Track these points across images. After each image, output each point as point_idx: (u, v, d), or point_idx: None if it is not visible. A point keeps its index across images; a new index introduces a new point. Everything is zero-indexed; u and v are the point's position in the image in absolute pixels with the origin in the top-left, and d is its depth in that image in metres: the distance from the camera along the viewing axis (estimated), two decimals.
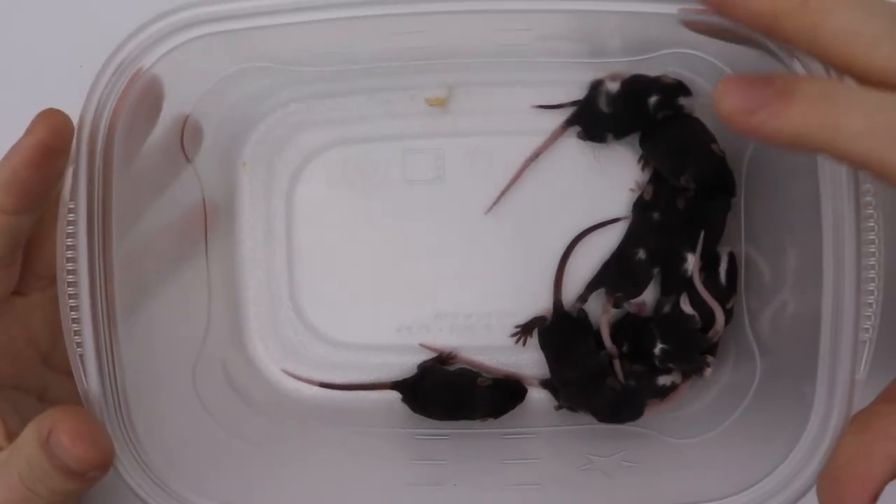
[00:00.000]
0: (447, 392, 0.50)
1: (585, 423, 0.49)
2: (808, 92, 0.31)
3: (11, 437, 0.39)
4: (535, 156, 0.51)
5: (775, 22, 0.32)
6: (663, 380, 0.49)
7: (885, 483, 0.34)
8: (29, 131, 0.37)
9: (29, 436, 0.37)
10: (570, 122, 0.50)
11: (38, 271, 0.42)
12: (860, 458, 0.35)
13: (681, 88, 0.48)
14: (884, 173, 0.31)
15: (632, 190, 0.50)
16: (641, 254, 0.49)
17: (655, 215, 0.49)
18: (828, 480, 0.36)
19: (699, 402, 0.49)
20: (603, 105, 0.49)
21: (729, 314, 0.49)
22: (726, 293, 0.49)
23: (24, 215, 0.38)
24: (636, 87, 0.48)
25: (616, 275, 0.50)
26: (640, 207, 0.50)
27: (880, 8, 0.31)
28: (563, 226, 0.51)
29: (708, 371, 0.48)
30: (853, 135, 0.30)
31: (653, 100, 0.48)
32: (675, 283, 0.49)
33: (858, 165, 0.32)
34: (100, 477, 0.38)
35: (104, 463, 0.38)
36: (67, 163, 0.38)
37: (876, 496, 0.34)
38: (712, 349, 0.49)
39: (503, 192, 0.51)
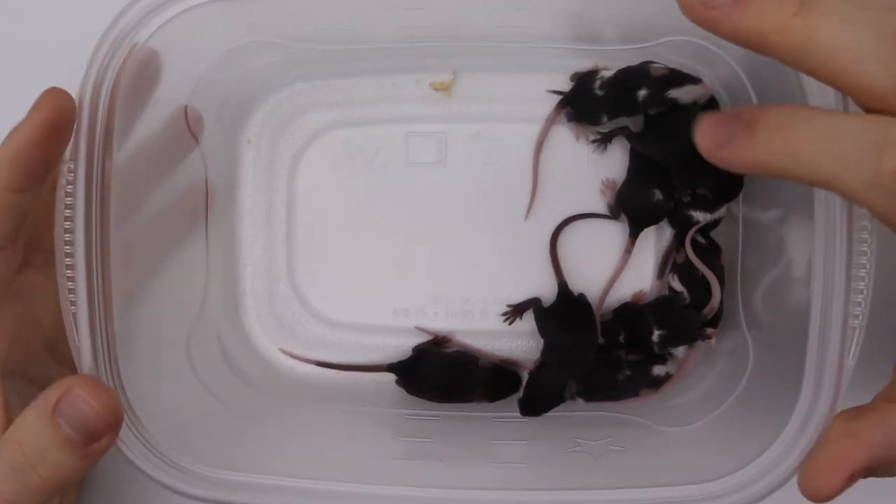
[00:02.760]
0: (444, 374, 0.50)
1: (576, 411, 0.49)
2: (769, 123, 0.32)
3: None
4: (541, 144, 0.51)
5: (764, 40, 0.32)
6: (658, 370, 0.49)
7: (863, 467, 0.34)
8: (34, 109, 0.37)
9: (27, 417, 0.36)
10: (563, 104, 0.50)
11: (35, 245, 0.42)
12: (843, 439, 0.35)
13: (672, 79, 0.47)
14: (845, 194, 0.32)
15: (602, 191, 0.51)
16: (658, 193, 0.49)
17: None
18: (810, 459, 0.36)
19: (691, 392, 0.49)
20: (597, 88, 0.49)
21: (721, 274, 0.49)
22: (714, 251, 0.49)
23: (27, 193, 0.38)
24: (626, 79, 0.48)
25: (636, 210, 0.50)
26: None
27: (868, 23, 0.31)
28: (560, 213, 0.51)
29: (713, 341, 0.48)
30: (812, 162, 0.31)
31: (642, 93, 0.47)
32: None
33: (824, 187, 0.32)
34: (105, 448, 0.37)
35: (120, 414, 0.37)
36: (69, 142, 0.38)
37: (851, 478, 0.34)
38: (715, 321, 0.49)
39: (533, 195, 0.51)
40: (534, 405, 0.49)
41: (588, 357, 0.49)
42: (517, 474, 0.44)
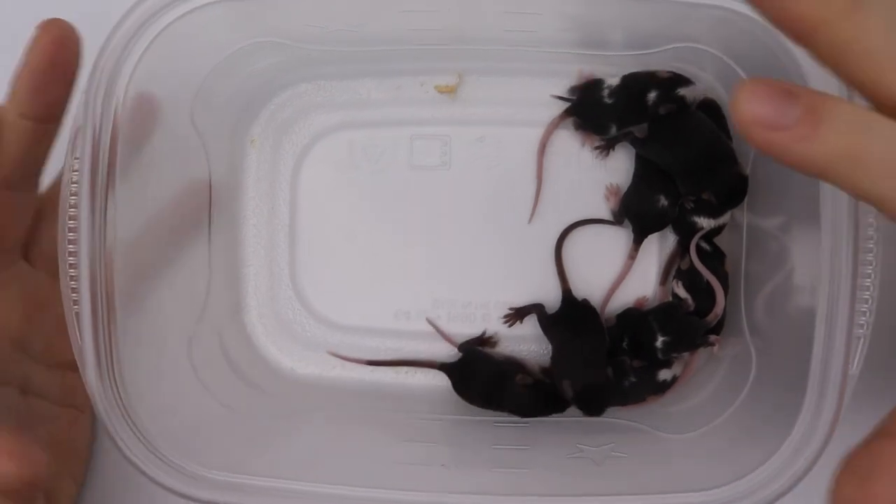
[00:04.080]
0: (488, 381, 0.50)
1: (579, 416, 0.49)
2: (840, 118, 0.29)
3: None
4: (543, 147, 0.51)
5: (814, 30, 0.29)
6: (664, 374, 0.49)
7: None
8: (39, 31, 0.38)
9: None
10: (569, 113, 0.50)
11: None
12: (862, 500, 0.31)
13: (679, 80, 0.48)
14: None
15: (606, 197, 0.51)
16: (662, 200, 0.49)
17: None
18: None
19: (693, 398, 0.49)
20: (605, 97, 0.49)
21: (725, 279, 0.49)
22: (718, 257, 0.49)
23: (45, 125, 0.38)
24: (634, 84, 0.48)
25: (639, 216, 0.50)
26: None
27: None
28: (564, 218, 0.51)
29: (716, 348, 0.48)
30: (881, 173, 0.28)
31: (652, 95, 0.47)
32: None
33: (872, 202, 0.29)
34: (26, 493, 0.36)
35: (37, 480, 0.36)
36: (79, 68, 0.38)
37: None
38: (717, 328, 0.49)
39: (537, 197, 0.51)
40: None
41: (600, 358, 0.49)
42: (519, 479, 0.44)
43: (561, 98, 0.50)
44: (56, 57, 0.37)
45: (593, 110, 0.49)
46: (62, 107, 0.39)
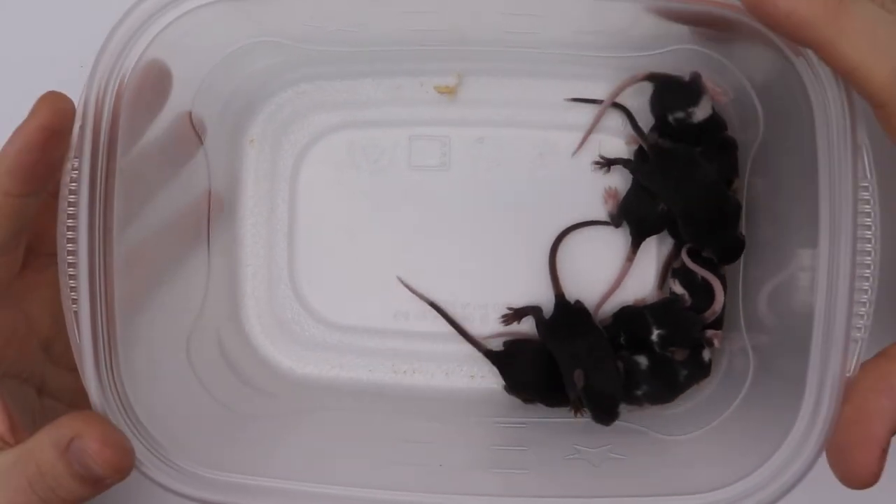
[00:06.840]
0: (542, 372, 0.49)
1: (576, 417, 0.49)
2: None
3: (16, 429, 0.38)
4: (613, 97, 0.50)
5: (801, 15, 0.33)
6: (706, 354, 0.49)
7: (888, 439, 0.35)
8: (32, 114, 0.37)
9: (44, 442, 0.36)
10: (652, 78, 0.49)
11: (34, 248, 0.42)
12: (859, 420, 0.35)
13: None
14: (870, 83, 0.33)
15: (604, 200, 0.51)
16: (661, 204, 0.49)
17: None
18: (834, 450, 0.36)
19: (691, 401, 0.49)
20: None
21: (723, 280, 0.49)
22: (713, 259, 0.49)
23: (30, 198, 0.38)
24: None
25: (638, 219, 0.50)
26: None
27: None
28: (563, 221, 0.51)
29: (716, 342, 0.48)
30: (853, 40, 0.32)
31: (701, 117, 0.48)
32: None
33: (847, 71, 0.33)
34: (117, 481, 0.38)
35: (128, 467, 0.38)
36: (70, 144, 0.38)
37: (883, 455, 0.35)
38: (717, 323, 0.49)
39: (588, 133, 0.51)
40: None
41: (607, 353, 0.49)
42: (517, 480, 0.44)
43: (577, 100, 0.51)
44: (46, 142, 0.37)
45: (669, 96, 0.49)
46: (50, 179, 0.38)
